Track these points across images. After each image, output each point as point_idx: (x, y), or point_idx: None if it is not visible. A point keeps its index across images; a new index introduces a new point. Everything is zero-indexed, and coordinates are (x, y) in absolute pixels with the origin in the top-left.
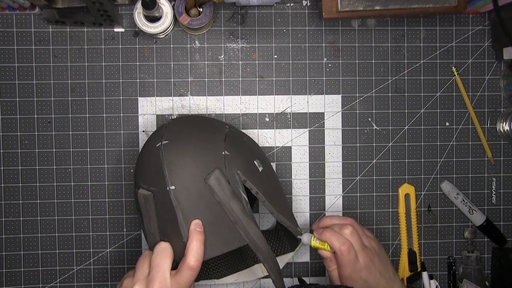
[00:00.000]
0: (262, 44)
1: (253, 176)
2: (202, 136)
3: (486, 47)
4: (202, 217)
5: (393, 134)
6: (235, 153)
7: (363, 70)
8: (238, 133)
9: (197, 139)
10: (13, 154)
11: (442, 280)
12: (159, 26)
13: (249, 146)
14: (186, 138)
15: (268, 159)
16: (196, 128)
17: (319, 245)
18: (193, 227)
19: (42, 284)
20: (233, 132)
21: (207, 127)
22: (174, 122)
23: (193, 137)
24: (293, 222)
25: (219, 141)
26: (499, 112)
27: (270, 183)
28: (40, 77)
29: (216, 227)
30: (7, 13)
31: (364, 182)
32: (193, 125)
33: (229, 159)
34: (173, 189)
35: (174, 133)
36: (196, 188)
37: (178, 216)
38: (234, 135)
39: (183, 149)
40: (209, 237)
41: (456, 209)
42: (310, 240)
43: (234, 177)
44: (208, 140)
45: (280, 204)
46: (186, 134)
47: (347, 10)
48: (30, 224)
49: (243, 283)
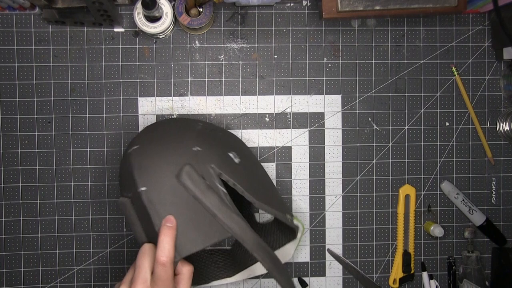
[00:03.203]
0: (262, 44)
1: (228, 168)
2: (172, 136)
3: (486, 47)
4: (178, 214)
5: (393, 134)
6: (207, 148)
7: (363, 70)
8: (212, 128)
9: (167, 140)
10: (13, 154)
11: (442, 280)
12: (159, 26)
13: (223, 140)
14: (156, 141)
15: (250, 151)
16: (166, 129)
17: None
18: (163, 223)
19: (42, 284)
20: (206, 128)
21: (178, 127)
22: (147, 128)
23: (163, 138)
24: (281, 209)
25: (190, 138)
26: (499, 112)
27: (249, 173)
28: (40, 77)
29: (195, 222)
30: (7, 13)
31: (364, 182)
32: (164, 127)
33: (201, 154)
34: (144, 190)
35: (144, 138)
36: (169, 186)
37: (152, 216)
38: (206, 131)
39: (152, 151)
40: (189, 232)
41: (456, 209)
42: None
43: (208, 171)
44: (178, 139)
45: (263, 193)
46: (156, 136)
47: (347, 10)
48: (30, 224)
49: (243, 283)
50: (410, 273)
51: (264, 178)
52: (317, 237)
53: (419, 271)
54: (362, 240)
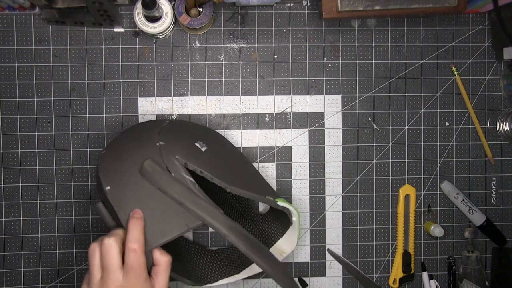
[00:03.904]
0: (262, 44)
1: (194, 158)
2: (136, 136)
3: (486, 47)
4: (144, 207)
5: (393, 134)
6: (171, 141)
7: (363, 70)
8: (179, 123)
9: (130, 140)
10: (13, 154)
11: (442, 280)
12: (159, 26)
13: (189, 131)
14: (120, 143)
15: (224, 140)
16: (132, 131)
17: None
18: (130, 215)
19: (42, 284)
20: (172, 124)
21: (143, 128)
22: (117, 134)
23: (127, 139)
24: (260, 192)
25: (153, 135)
26: (499, 112)
27: (219, 160)
28: (40, 77)
29: (162, 213)
30: (7, 13)
31: (364, 182)
32: (131, 130)
33: (165, 148)
34: (108, 189)
35: (112, 142)
36: (133, 183)
37: (118, 213)
38: (172, 126)
39: (115, 152)
40: (157, 224)
41: (456, 209)
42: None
43: (173, 162)
44: (141, 137)
45: (238, 178)
46: (121, 139)
47: (347, 10)
48: (30, 224)
49: (243, 283)
50: (410, 273)
51: (241, 164)
52: (317, 237)
53: (419, 271)
54: (362, 240)
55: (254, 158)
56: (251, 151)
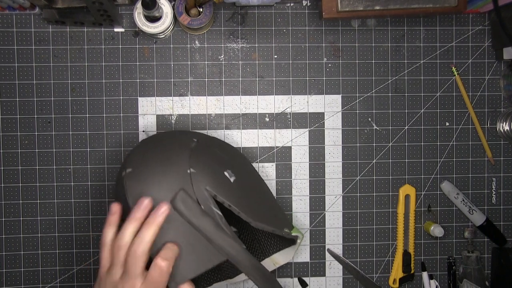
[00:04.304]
0: (262, 44)
1: (224, 189)
2: (165, 157)
3: (486, 47)
4: (174, 240)
5: (393, 134)
6: (201, 169)
7: (363, 70)
8: (207, 143)
9: (160, 162)
10: (13, 154)
11: (442, 280)
12: (159, 26)
13: (219, 156)
14: (149, 163)
15: (247, 163)
16: (159, 149)
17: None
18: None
19: (42, 284)
20: (200, 145)
21: (171, 146)
22: (138, 146)
23: (156, 160)
24: (278, 225)
25: (183, 159)
26: (499, 112)
27: (245, 191)
28: (40, 77)
29: (191, 247)
30: (7, 13)
31: (364, 182)
32: (156, 147)
33: (196, 176)
34: None
35: (137, 159)
36: None
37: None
38: (201, 148)
39: (145, 175)
40: (186, 258)
41: (456, 209)
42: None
43: (203, 194)
44: (171, 160)
45: (260, 210)
46: (148, 158)
47: (347, 10)
48: (30, 224)
49: (243, 284)
50: (410, 273)
51: (262, 192)
52: (317, 237)
53: (419, 271)
54: (362, 240)
55: (254, 158)
56: (251, 151)
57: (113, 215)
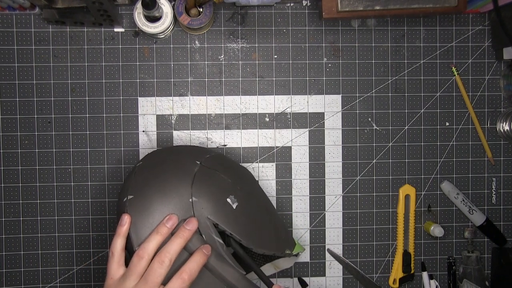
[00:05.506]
0: (262, 44)
1: (225, 217)
2: (167, 185)
3: (486, 47)
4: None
5: (393, 134)
6: (203, 197)
7: (363, 70)
8: (212, 165)
9: (161, 191)
10: (13, 154)
11: (442, 280)
12: (159, 26)
13: (222, 181)
14: (150, 191)
15: (252, 182)
16: (161, 175)
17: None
18: (200, 247)
19: (42, 284)
20: (204, 168)
21: (173, 172)
22: (140, 169)
23: (158, 187)
24: (280, 247)
25: (185, 188)
26: (499, 112)
27: (248, 217)
28: (40, 77)
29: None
30: (7, 13)
31: (364, 182)
32: (158, 172)
33: (197, 204)
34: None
35: (139, 185)
36: (164, 244)
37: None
38: (205, 173)
39: (146, 203)
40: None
41: (456, 209)
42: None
43: (204, 223)
44: (174, 188)
45: (262, 235)
46: (150, 185)
47: (347, 10)
48: (30, 224)
49: None
50: (410, 273)
51: (265, 213)
52: (317, 237)
53: (419, 271)
54: (362, 240)
55: (254, 158)
56: (251, 151)
57: (123, 226)
